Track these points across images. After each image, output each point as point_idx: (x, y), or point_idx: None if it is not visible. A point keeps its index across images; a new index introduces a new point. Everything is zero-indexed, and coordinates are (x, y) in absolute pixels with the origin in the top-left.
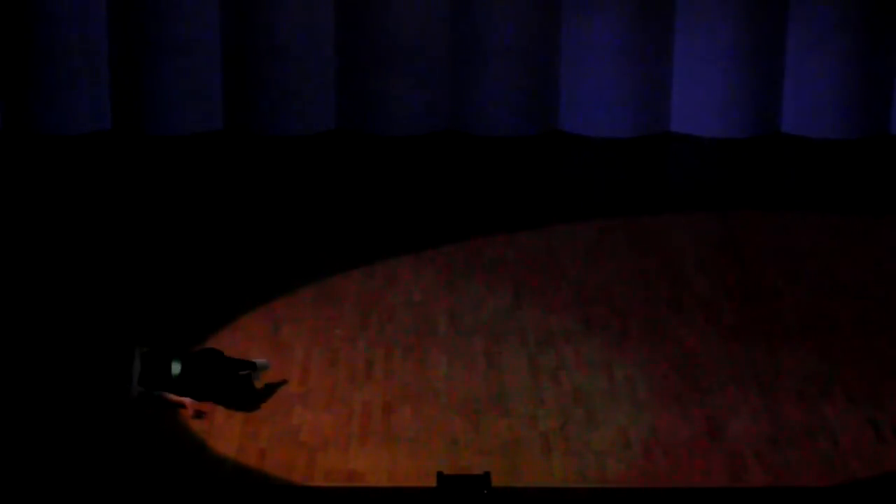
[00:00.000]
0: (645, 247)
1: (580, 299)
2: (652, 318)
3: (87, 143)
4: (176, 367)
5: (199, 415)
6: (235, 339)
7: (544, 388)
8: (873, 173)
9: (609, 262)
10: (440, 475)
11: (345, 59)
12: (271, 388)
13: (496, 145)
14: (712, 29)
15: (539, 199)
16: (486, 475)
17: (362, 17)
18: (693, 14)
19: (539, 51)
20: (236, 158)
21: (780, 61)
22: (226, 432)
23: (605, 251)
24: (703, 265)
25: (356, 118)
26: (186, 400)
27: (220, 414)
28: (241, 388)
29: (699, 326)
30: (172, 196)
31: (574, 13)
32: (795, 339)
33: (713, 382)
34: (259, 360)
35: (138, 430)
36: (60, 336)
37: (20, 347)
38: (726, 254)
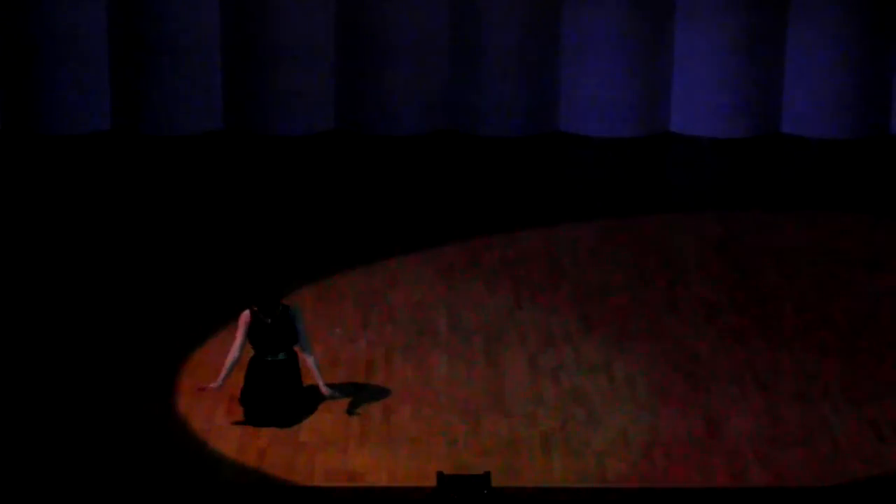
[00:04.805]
0: (645, 247)
1: (580, 299)
2: (652, 318)
3: (87, 143)
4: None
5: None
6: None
7: (544, 388)
8: (873, 173)
9: (609, 262)
10: (440, 475)
11: (345, 59)
12: None
13: (496, 145)
14: (712, 29)
15: (539, 199)
16: (486, 475)
17: (362, 17)
18: (693, 15)
19: (539, 51)
20: (236, 158)
21: (780, 61)
22: (226, 432)
23: (605, 251)
24: (703, 265)
25: (356, 118)
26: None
27: (220, 414)
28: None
29: (699, 326)
30: (172, 196)
31: (573, 13)
32: (795, 339)
33: (713, 382)
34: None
35: (138, 430)
36: (61, 335)
37: (21, 347)
38: (726, 254)
